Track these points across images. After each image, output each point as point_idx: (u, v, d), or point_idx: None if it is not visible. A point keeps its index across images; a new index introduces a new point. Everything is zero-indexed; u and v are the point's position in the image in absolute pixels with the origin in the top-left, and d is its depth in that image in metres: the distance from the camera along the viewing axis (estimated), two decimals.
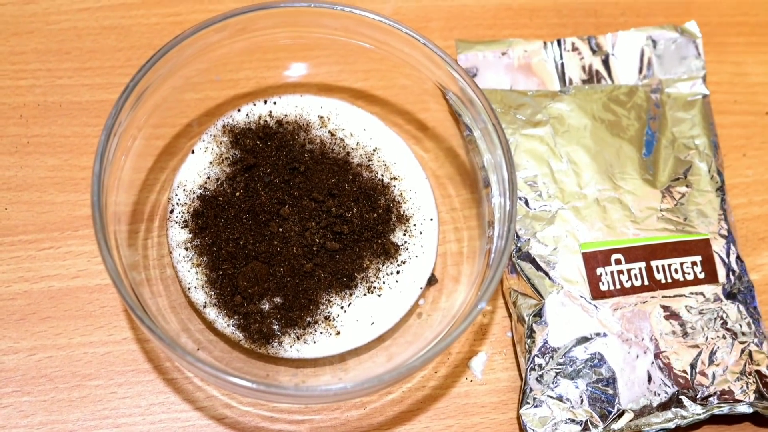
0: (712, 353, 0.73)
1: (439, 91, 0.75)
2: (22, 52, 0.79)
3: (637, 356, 0.72)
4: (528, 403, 0.71)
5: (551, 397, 0.71)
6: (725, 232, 0.77)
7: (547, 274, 0.73)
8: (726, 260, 0.76)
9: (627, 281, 0.74)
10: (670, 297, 0.74)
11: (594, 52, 0.82)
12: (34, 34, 0.80)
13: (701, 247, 0.76)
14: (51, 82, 0.79)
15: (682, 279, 0.75)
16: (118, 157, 0.69)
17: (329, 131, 0.76)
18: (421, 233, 0.74)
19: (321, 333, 0.70)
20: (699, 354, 0.73)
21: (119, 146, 0.68)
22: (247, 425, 0.71)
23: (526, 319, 0.73)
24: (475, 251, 0.74)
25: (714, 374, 0.73)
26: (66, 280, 0.73)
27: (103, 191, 0.66)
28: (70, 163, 0.76)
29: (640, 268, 0.74)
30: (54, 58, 0.80)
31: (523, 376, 0.72)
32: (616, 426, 0.71)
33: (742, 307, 0.75)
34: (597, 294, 0.73)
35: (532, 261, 0.74)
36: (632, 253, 0.74)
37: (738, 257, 0.76)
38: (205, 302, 0.70)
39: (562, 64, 0.81)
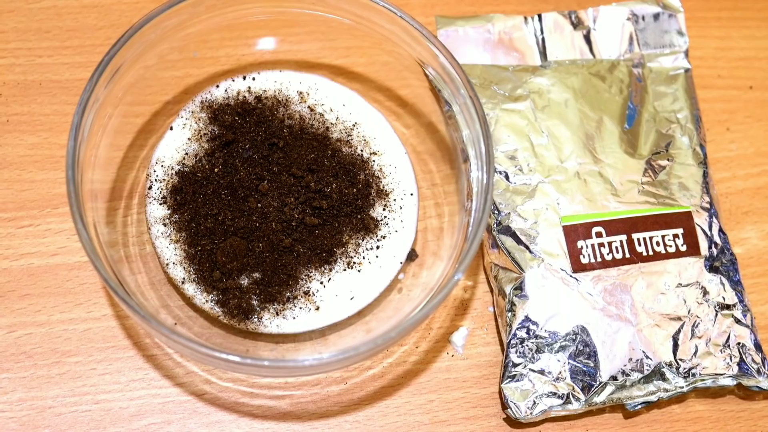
0: (695, 326, 0.73)
1: (419, 67, 0.75)
2: (2, 31, 0.79)
3: (619, 329, 0.72)
4: (509, 377, 0.71)
5: (533, 370, 0.71)
6: (707, 205, 0.76)
7: (527, 247, 0.73)
8: (708, 233, 0.76)
9: (608, 254, 0.73)
10: (651, 269, 0.74)
11: (575, 26, 0.81)
12: (14, 13, 0.80)
13: (683, 220, 0.75)
14: (31, 61, 0.79)
15: (663, 252, 0.74)
16: (94, 133, 0.68)
17: (308, 106, 0.76)
18: (401, 208, 0.74)
19: (300, 308, 0.70)
20: (681, 327, 0.73)
21: (95, 123, 0.68)
22: (227, 401, 0.71)
23: (507, 292, 0.73)
24: (454, 226, 0.74)
25: (697, 347, 0.73)
26: (45, 258, 0.73)
27: (78, 167, 0.65)
28: (50, 141, 0.76)
29: (621, 241, 0.74)
30: (34, 37, 0.79)
31: (505, 350, 0.72)
32: (598, 399, 0.71)
33: (725, 280, 0.75)
34: (578, 267, 0.73)
35: (513, 235, 0.73)
36: (613, 226, 0.74)
37: (721, 230, 0.76)
38: (184, 278, 0.70)
39: (543, 39, 0.81)
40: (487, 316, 0.75)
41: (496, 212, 0.74)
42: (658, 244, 0.74)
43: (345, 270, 0.71)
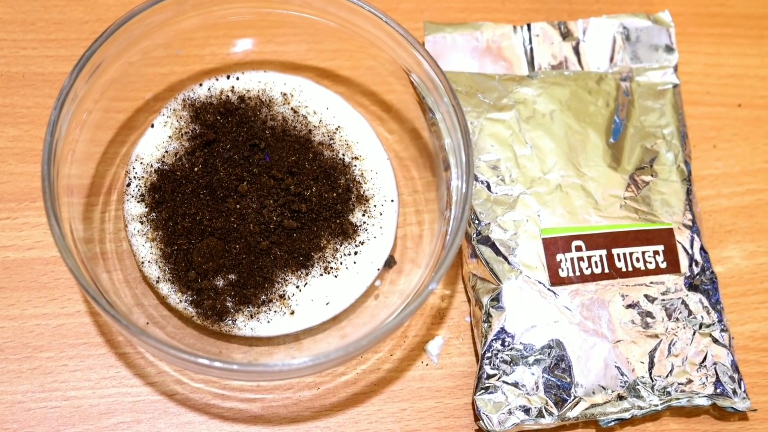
0: (672, 344, 0.73)
1: (404, 73, 0.74)
2: None
3: (595, 344, 0.72)
4: (483, 389, 0.70)
5: (506, 383, 0.70)
6: (690, 223, 0.76)
7: (506, 258, 0.73)
8: (689, 251, 0.75)
9: (587, 268, 0.73)
10: (630, 286, 0.73)
11: (564, 37, 0.81)
12: (0, 4, 0.79)
13: (664, 237, 0.75)
14: (15, 53, 0.78)
15: (643, 268, 0.74)
16: (73, 128, 0.68)
17: (292, 108, 0.75)
18: (381, 214, 0.73)
19: (275, 312, 0.70)
20: (658, 344, 0.72)
21: (74, 117, 0.68)
22: (198, 402, 0.70)
23: (484, 303, 0.72)
24: (434, 233, 0.74)
25: (673, 365, 0.72)
26: (21, 251, 0.73)
27: (55, 163, 0.65)
28: (31, 134, 0.76)
29: (600, 256, 0.73)
30: (19, 29, 0.79)
31: (479, 361, 0.71)
32: (571, 414, 0.70)
33: (704, 299, 0.74)
34: (556, 280, 0.72)
35: (492, 245, 0.73)
36: (593, 240, 0.74)
37: (702, 248, 0.76)
38: (159, 277, 0.69)
39: (531, 49, 0.80)
40: (463, 326, 0.75)
41: (476, 222, 0.74)
42: (638, 260, 0.74)
43: (322, 275, 0.71)
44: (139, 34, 0.70)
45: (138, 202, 0.71)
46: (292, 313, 0.70)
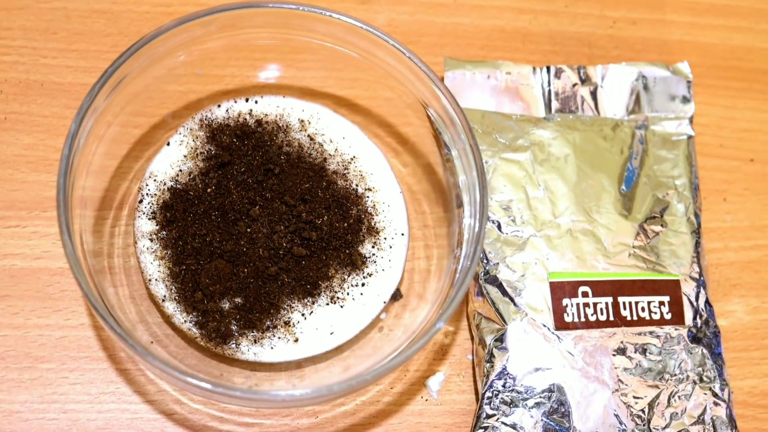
0: (672, 395, 0.73)
1: (422, 107, 0.75)
2: (9, 27, 0.79)
3: (595, 391, 0.72)
4: (481, 429, 0.70)
5: (505, 424, 0.70)
6: (696, 275, 0.76)
7: (512, 299, 0.73)
8: (694, 303, 0.75)
9: (592, 315, 0.73)
10: (634, 334, 0.73)
11: (583, 82, 0.81)
12: (23, 11, 0.79)
13: (671, 288, 0.75)
14: (35, 61, 0.78)
15: (648, 318, 0.74)
16: (91, 141, 0.68)
17: (308, 135, 0.75)
18: (390, 247, 0.73)
19: (279, 338, 0.70)
20: (658, 395, 0.72)
21: (93, 131, 0.68)
22: (196, 423, 0.70)
23: (488, 343, 0.72)
24: (442, 270, 0.74)
25: (671, 417, 0.72)
26: (29, 260, 0.73)
27: (71, 174, 0.65)
28: (46, 144, 0.76)
29: (606, 303, 0.74)
30: (40, 37, 0.79)
31: (479, 400, 0.71)
32: None
33: (706, 352, 0.74)
34: (561, 324, 0.72)
35: (499, 285, 0.73)
36: (600, 287, 0.74)
37: (707, 301, 0.76)
38: (165, 296, 0.69)
39: (549, 91, 0.81)
40: (465, 364, 0.75)
41: (485, 261, 0.74)
42: (643, 309, 0.74)
43: (328, 304, 0.71)
44: (164, 51, 0.70)
45: (149, 219, 0.71)
46: (296, 340, 0.70)
